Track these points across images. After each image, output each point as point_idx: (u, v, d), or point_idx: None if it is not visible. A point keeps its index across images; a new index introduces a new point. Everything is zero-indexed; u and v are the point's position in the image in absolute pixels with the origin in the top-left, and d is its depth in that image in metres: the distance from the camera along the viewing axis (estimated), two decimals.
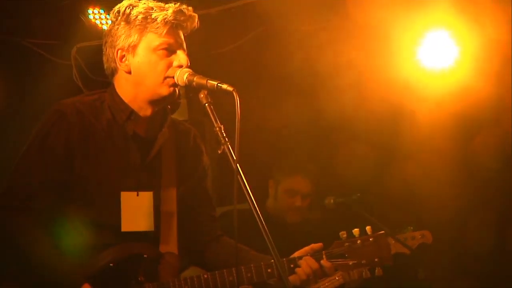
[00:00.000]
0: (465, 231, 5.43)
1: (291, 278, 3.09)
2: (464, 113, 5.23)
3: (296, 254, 3.16)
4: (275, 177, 5.19)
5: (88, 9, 5.39)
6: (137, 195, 3.12)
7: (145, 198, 3.14)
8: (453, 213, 5.38)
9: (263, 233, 2.67)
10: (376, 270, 3.17)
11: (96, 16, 5.41)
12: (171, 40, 3.09)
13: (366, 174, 5.55)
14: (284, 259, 3.10)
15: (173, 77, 3.05)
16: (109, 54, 3.15)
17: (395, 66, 5.24)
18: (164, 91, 3.08)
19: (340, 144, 5.73)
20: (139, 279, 3.03)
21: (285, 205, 5.08)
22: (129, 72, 3.12)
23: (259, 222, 2.67)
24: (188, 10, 3.11)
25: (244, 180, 2.70)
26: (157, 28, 3.07)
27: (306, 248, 3.17)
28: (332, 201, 5.00)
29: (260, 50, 5.64)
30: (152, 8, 3.09)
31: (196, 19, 3.15)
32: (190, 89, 3.00)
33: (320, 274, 3.12)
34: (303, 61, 5.32)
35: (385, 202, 5.02)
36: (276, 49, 5.54)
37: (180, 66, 3.06)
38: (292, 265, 3.10)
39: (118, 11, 3.12)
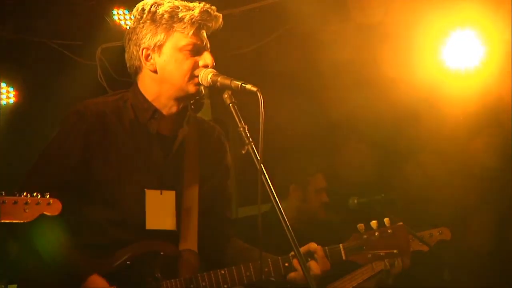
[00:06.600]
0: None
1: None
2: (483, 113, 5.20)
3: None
4: (298, 180, 5.21)
5: (113, 9, 5.44)
6: (161, 193, 3.13)
7: (169, 197, 3.14)
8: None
9: (287, 232, 2.68)
10: (396, 262, 3.14)
11: (121, 17, 5.45)
12: (198, 41, 3.09)
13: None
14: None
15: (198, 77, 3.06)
16: (133, 52, 3.15)
17: (420, 66, 5.21)
18: (191, 88, 3.10)
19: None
20: (156, 275, 3.04)
21: (316, 203, 5.15)
22: (155, 71, 3.12)
23: (282, 221, 2.68)
24: (213, 10, 3.12)
25: (268, 180, 2.71)
26: (184, 28, 3.07)
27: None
28: (355, 201, 5.00)
29: (283, 50, 5.64)
30: (178, 7, 3.09)
31: (220, 20, 3.15)
32: (214, 89, 3.00)
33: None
34: (323, 61, 5.31)
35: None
36: (299, 49, 5.53)
37: (206, 66, 3.07)
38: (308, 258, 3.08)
39: (143, 9, 3.12)
